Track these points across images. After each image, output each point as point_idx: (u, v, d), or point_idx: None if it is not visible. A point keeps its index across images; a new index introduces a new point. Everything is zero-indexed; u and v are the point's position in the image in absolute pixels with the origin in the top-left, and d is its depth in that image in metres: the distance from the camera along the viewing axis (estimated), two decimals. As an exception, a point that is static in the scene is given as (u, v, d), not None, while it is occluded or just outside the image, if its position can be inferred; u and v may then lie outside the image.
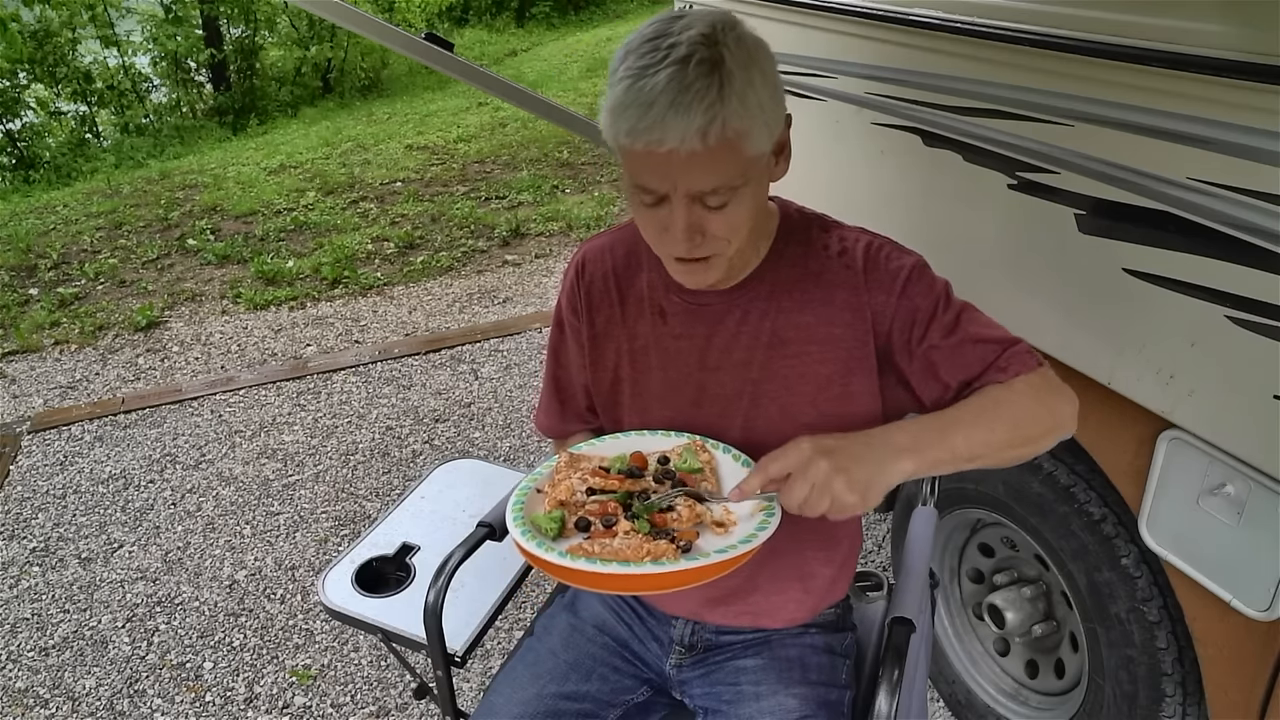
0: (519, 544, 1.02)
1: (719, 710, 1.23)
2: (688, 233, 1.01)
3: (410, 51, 2.44)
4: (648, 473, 1.14)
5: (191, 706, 2.24)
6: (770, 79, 0.99)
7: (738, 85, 0.93)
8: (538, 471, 1.19)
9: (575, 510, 1.08)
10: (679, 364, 1.19)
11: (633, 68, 0.94)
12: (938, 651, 2.03)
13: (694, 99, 0.91)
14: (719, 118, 0.92)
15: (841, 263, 1.13)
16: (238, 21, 10.57)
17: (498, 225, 5.24)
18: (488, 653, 2.31)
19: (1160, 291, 1.28)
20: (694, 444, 1.17)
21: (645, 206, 1.03)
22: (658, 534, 1.03)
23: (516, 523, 1.05)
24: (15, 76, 9.03)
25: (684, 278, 1.11)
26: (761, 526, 1.02)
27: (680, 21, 0.97)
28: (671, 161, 0.95)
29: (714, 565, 0.97)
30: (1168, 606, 1.50)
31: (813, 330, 1.13)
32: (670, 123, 0.92)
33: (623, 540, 1.01)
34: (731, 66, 0.94)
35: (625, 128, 0.95)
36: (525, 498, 1.12)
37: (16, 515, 2.98)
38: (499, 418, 3.38)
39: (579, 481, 1.13)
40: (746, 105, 0.94)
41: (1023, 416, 1.06)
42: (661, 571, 0.96)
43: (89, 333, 4.24)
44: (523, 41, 13.16)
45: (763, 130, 0.98)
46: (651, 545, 0.99)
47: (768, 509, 1.04)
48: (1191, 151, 1.19)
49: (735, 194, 1.00)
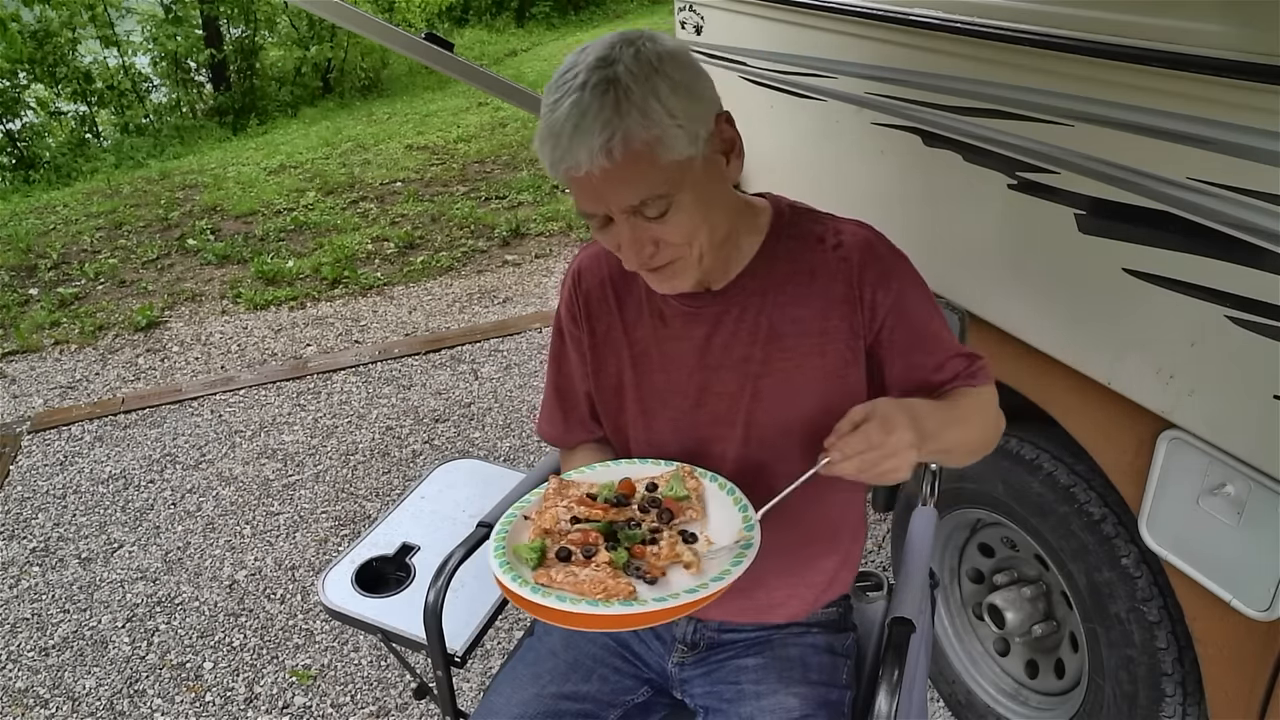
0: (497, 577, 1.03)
1: (719, 709, 1.23)
2: (634, 246, 1.04)
3: (410, 51, 2.44)
4: (635, 500, 1.15)
5: (191, 706, 2.24)
6: (680, 84, 1.00)
7: (636, 98, 0.96)
8: (527, 498, 1.20)
9: (559, 539, 1.09)
10: (680, 365, 1.20)
11: (547, 103, 1.00)
12: (938, 651, 2.03)
13: (591, 120, 0.96)
14: (618, 133, 0.96)
15: (837, 255, 1.14)
16: (238, 21, 10.55)
17: (498, 225, 5.24)
18: (488, 653, 2.31)
19: (1160, 291, 1.28)
20: (681, 470, 1.18)
21: (597, 229, 1.07)
22: (629, 567, 1.05)
23: (497, 553, 1.07)
24: (15, 76, 9.02)
25: (657, 286, 1.13)
26: (719, 577, 1.01)
27: (586, 51, 1.01)
28: (590, 183, 0.99)
29: (650, 613, 0.98)
30: (1168, 606, 1.50)
31: (810, 323, 1.14)
32: (576, 146, 0.96)
33: (590, 573, 1.02)
34: (628, 82, 0.97)
35: (547, 161, 1.00)
36: (511, 525, 1.13)
37: (16, 515, 2.98)
38: (499, 418, 3.38)
39: (564, 510, 1.14)
40: (649, 115, 0.97)
41: (988, 424, 1.17)
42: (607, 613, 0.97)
43: (89, 333, 4.24)
44: (523, 41, 13.15)
45: (678, 134, 0.99)
46: (611, 583, 1.00)
47: (736, 558, 1.04)
48: (1191, 151, 1.19)
49: (671, 201, 1.01)
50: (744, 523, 1.10)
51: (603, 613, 0.97)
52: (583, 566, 1.04)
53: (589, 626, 1.00)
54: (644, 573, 1.04)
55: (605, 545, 1.07)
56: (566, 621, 0.99)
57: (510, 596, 1.02)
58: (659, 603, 0.98)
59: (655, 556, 1.06)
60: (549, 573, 1.03)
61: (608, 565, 1.03)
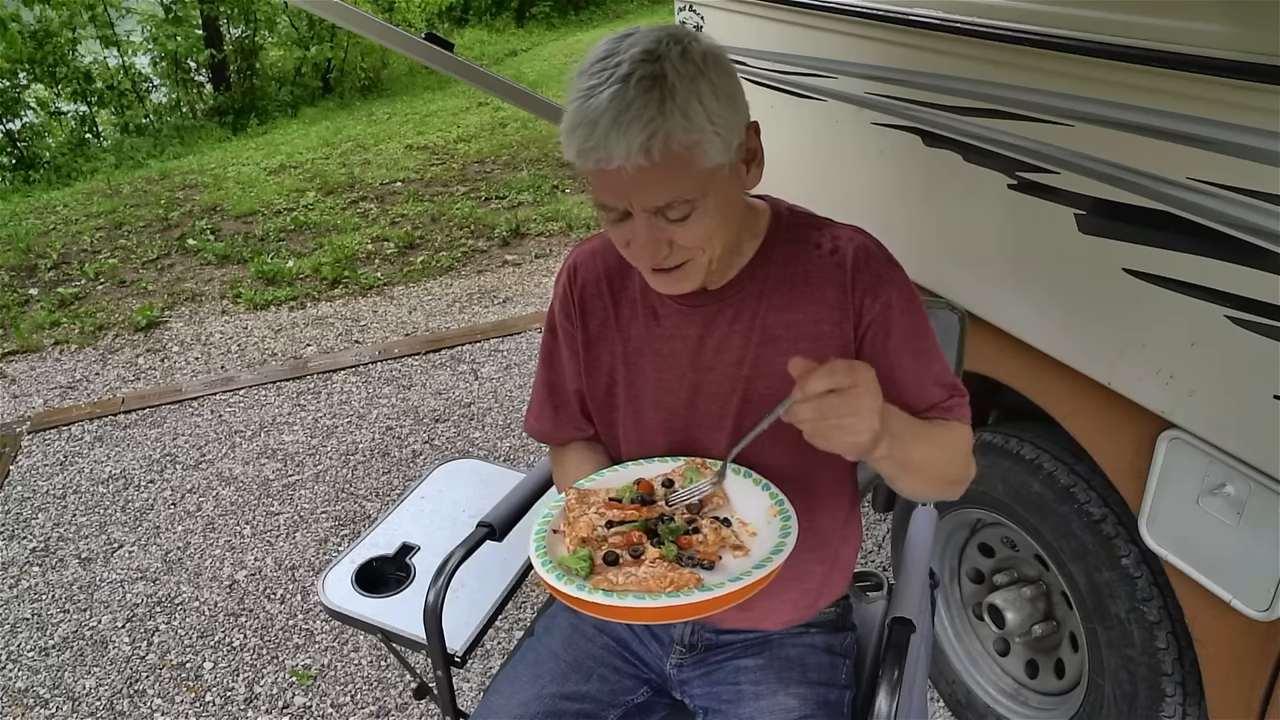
0: (558, 590, 1.00)
1: (719, 710, 1.23)
2: (651, 246, 1.03)
3: (410, 51, 2.44)
4: (657, 497, 1.15)
5: (191, 706, 2.24)
6: (722, 91, 0.99)
7: (680, 99, 0.94)
8: (546, 514, 1.18)
9: (599, 545, 1.07)
10: (672, 364, 1.20)
11: (581, 89, 0.97)
12: (938, 651, 2.03)
13: (634, 117, 0.93)
14: (660, 133, 0.94)
15: (833, 260, 1.13)
16: (238, 21, 10.56)
17: (498, 225, 5.24)
18: (488, 653, 2.31)
19: (1160, 291, 1.28)
20: (693, 463, 1.18)
21: (611, 222, 1.05)
22: (682, 558, 1.04)
23: (547, 568, 1.04)
24: (15, 76, 9.02)
25: (660, 286, 1.12)
26: (777, 549, 1.03)
27: (628, 39, 0.99)
28: (621, 178, 0.97)
29: (733, 592, 0.97)
30: (1168, 606, 1.50)
31: (803, 328, 1.14)
32: (613, 141, 0.94)
33: (647, 570, 1.01)
34: (674, 81, 0.95)
35: (575, 148, 0.97)
36: (544, 541, 1.11)
37: (16, 515, 2.98)
38: (499, 418, 3.38)
39: (596, 516, 1.12)
40: (691, 118, 0.95)
41: (956, 460, 1.14)
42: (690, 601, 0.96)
43: (89, 333, 4.23)
44: (523, 41, 13.15)
45: (715, 141, 0.98)
46: (674, 575, 1.00)
47: (784, 529, 1.06)
48: (1191, 151, 1.19)
49: (696, 206, 1.00)
50: (771, 498, 1.11)
51: (684, 602, 0.95)
52: (636, 566, 1.02)
53: (696, 614, 0.98)
54: (700, 560, 1.04)
55: (651, 542, 1.06)
56: (668, 616, 0.99)
57: (592, 610, 0.99)
58: (734, 582, 0.97)
59: (704, 544, 1.07)
60: (607, 578, 1.01)
61: (661, 560, 1.03)
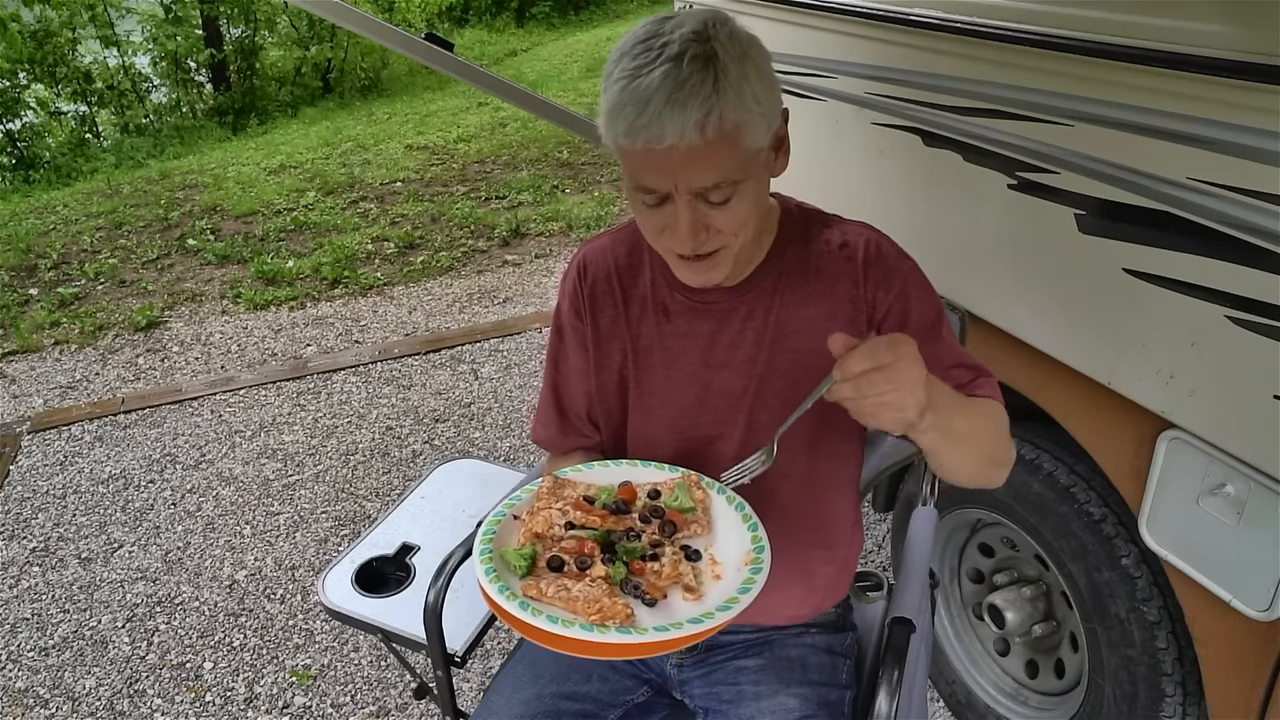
0: (481, 583, 0.94)
1: (719, 710, 1.23)
2: (692, 230, 1.01)
3: (410, 51, 2.44)
4: (635, 508, 1.08)
5: (191, 706, 2.24)
6: (765, 73, 0.99)
7: (733, 78, 0.94)
8: (517, 494, 1.12)
9: (550, 545, 1.01)
10: (683, 362, 1.19)
11: (627, 69, 0.95)
12: (938, 651, 2.03)
13: (690, 94, 0.92)
14: (716, 110, 0.93)
15: (843, 255, 1.14)
16: (238, 21, 10.56)
17: (498, 225, 5.24)
18: (488, 653, 2.31)
19: (1160, 291, 1.28)
20: (688, 479, 1.11)
21: (647, 207, 1.03)
22: (626, 585, 0.97)
23: (482, 557, 0.97)
24: (15, 76, 9.02)
25: (689, 276, 1.10)
26: (726, 606, 0.93)
27: (671, 21, 0.98)
28: (671, 158, 0.95)
29: (651, 644, 0.90)
30: (1168, 606, 1.50)
31: (815, 324, 1.13)
32: (667, 118, 0.92)
33: (583, 588, 0.93)
34: (725, 60, 0.94)
35: (623, 127, 0.95)
36: (498, 526, 1.05)
37: (16, 515, 2.98)
38: (499, 418, 3.38)
39: (559, 513, 1.05)
40: (743, 98, 0.95)
41: (997, 437, 1.10)
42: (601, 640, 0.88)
43: (89, 333, 4.23)
44: (523, 41, 13.15)
45: (760, 123, 0.98)
46: (606, 603, 0.91)
47: (744, 585, 0.96)
48: (1191, 151, 1.19)
49: (737, 189, 1.00)
50: (753, 543, 1.02)
51: (597, 639, 0.87)
52: (576, 580, 0.95)
53: (580, 653, 0.90)
54: (643, 593, 0.96)
55: (602, 557, 0.99)
56: (555, 645, 0.90)
57: (495, 610, 0.93)
58: (659, 632, 0.89)
59: (656, 575, 0.98)
60: (538, 584, 0.94)
61: (604, 581, 0.95)
